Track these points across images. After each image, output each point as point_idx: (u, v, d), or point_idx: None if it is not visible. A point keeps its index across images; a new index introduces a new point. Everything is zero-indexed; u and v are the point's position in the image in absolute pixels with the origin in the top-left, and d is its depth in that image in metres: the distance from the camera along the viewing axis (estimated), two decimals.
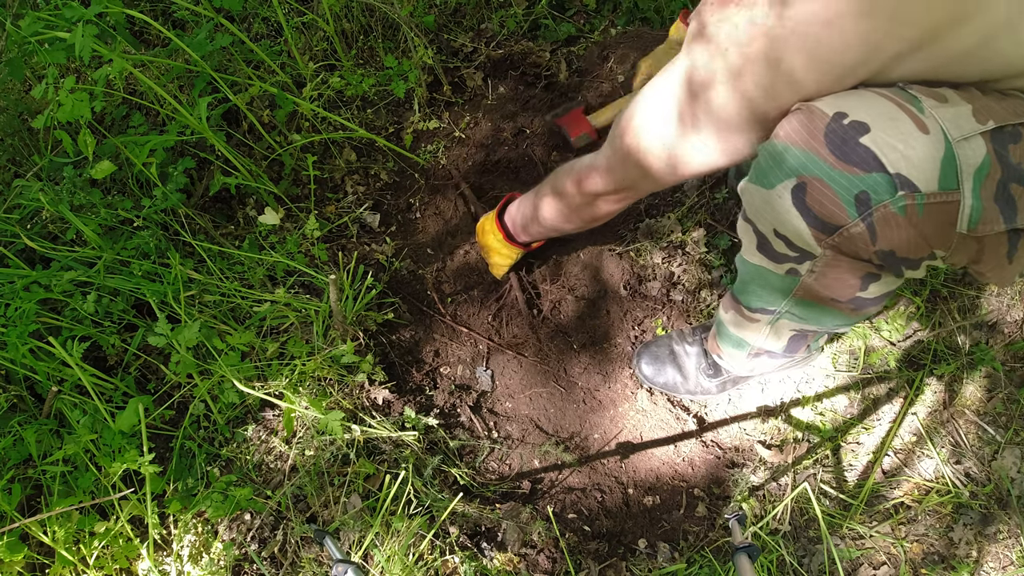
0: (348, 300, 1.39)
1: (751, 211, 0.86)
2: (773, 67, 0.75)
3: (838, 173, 0.72)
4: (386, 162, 1.70)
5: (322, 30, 1.74)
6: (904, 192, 0.70)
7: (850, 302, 0.91)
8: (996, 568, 1.28)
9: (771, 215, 0.82)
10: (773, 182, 0.78)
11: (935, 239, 0.74)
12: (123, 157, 1.49)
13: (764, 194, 0.80)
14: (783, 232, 0.82)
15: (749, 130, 0.83)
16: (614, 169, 1.04)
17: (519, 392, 1.47)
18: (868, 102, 0.73)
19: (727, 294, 1.16)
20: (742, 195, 0.86)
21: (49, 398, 1.26)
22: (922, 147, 0.69)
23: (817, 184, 0.74)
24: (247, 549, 1.22)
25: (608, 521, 1.33)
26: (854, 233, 0.76)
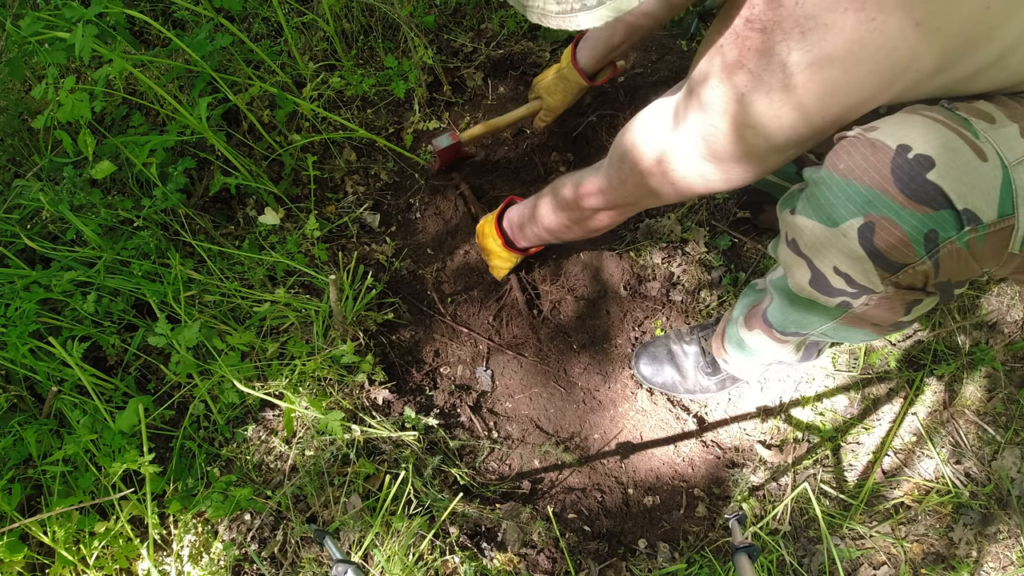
0: (348, 300, 1.39)
1: (807, 247, 0.82)
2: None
3: (908, 213, 0.70)
4: (386, 162, 1.70)
5: (322, 30, 1.74)
6: (969, 227, 0.69)
7: (891, 326, 0.90)
8: (996, 568, 1.28)
9: (833, 254, 0.78)
10: (837, 220, 0.75)
11: (989, 262, 0.75)
12: (123, 157, 1.49)
13: (826, 232, 0.77)
14: (844, 270, 0.79)
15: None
16: (614, 184, 1.04)
17: (519, 392, 1.47)
18: (927, 131, 0.70)
19: (752, 314, 1.13)
20: (793, 230, 0.83)
21: (49, 398, 1.26)
22: (983, 177, 0.69)
23: (886, 224, 0.72)
24: (247, 549, 1.22)
25: (608, 521, 1.33)
26: (920, 270, 0.74)
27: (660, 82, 1.73)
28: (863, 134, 0.73)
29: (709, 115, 0.81)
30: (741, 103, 0.76)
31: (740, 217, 1.57)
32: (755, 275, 1.53)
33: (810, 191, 0.79)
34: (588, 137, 1.67)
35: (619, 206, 1.08)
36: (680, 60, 1.77)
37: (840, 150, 0.75)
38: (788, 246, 0.86)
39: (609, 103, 1.69)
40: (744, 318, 1.17)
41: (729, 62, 0.75)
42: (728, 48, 0.75)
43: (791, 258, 0.86)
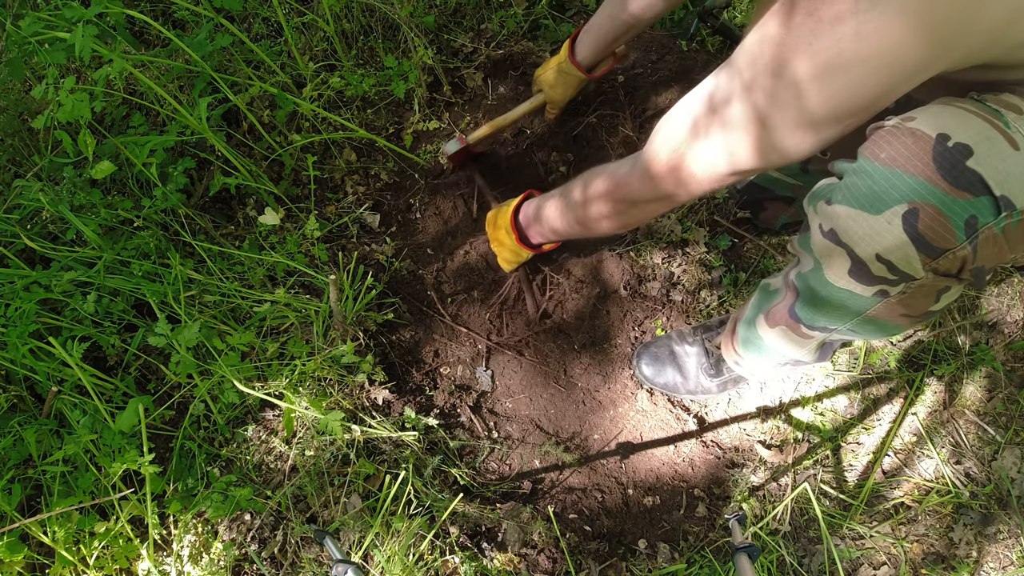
0: (348, 300, 1.39)
1: (848, 236, 0.83)
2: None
3: (951, 199, 0.73)
4: (386, 162, 1.70)
5: (322, 30, 1.74)
6: (1006, 213, 0.72)
7: (921, 316, 0.92)
8: (996, 568, 1.28)
9: (876, 240, 0.80)
10: (881, 208, 0.77)
11: (1017, 247, 0.77)
12: (123, 157, 1.49)
13: (870, 220, 0.79)
14: (887, 257, 0.81)
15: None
16: (650, 174, 1.00)
17: (519, 392, 1.47)
18: (963, 121, 0.73)
19: (773, 312, 1.12)
20: (831, 219, 0.84)
21: (49, 398, 1.26)
22: (1017, 165, 0.72)
23: (930, 210, 0.74)
24: (247, 549, 1.22)
25: (608, 521, 1.33)
26: (959, 255, 0.77)
27: (660, 82, 1.73)
28: (902, 124, 0.76)
29: (731, 133, 0.84)
30: (763, 123, 0.79)
31: (740, 217, 1.57)
32: (756, 275, 1.53)
33: (850, 181, 0.81)
34: (588, 137, 1.67)
35: (656, 198, 1.03)
36: (680, 60, 1.77)
37: (880, 139, 0.77)
38: (825, 236, 0.87)
39: (609, 103, 1.69)
40: (764, 317, 1.16)
41: (747, 80, 0.79)
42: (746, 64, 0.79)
43: (829, 248, 0.87)
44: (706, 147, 0.91)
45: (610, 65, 1.46)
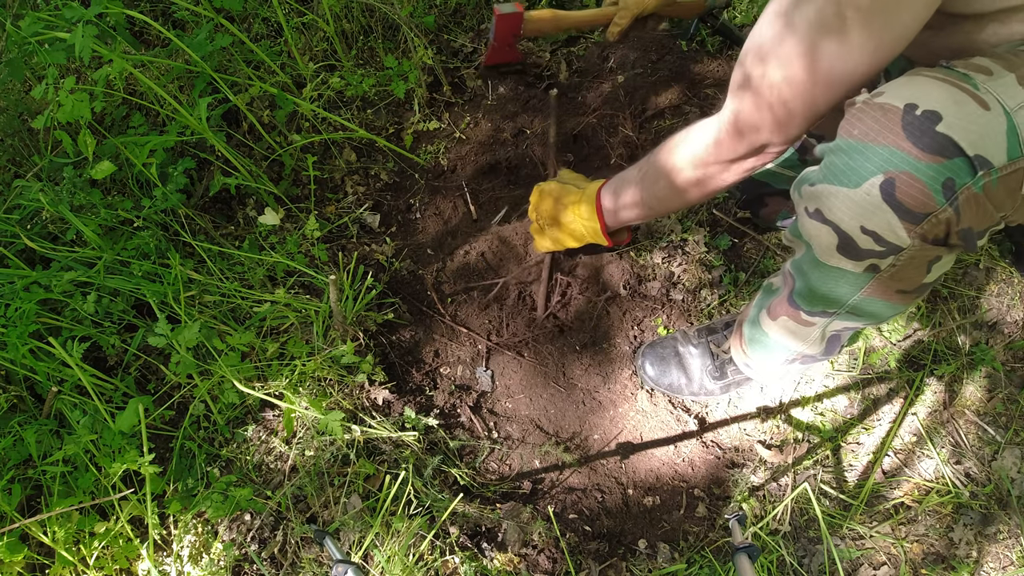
0: (348, 300, 1.39)
1: (832, 213, 0.85)
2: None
3: (924, 164, 0.75)
4: (386, 162, 1.70)
5: (322, 30, 1.74)
6: (982, 172, 0.74)
7: (915, 291, 0.94)
8: (996, 568, 1.28)
9: (858, 213, 0.83)
10: (859, 181, 0.80)
11: (1003, 205, 0.79)
12: (123, 157, 1.49)
13: (849, 193, 0.82)
14: (871, 228, 0.83)
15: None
16: (761, 106, 0.91)
17: (519, 392, 1.47)
18: (930, 88, 0.76)
19: (775, 304, 1.13)
20: (815, 199, 0.86)
21: (49, 398, 1.26)
22: (988, 125, 0.74)
23: (905, 178, 0.76)
24: (247, 549, 1.22)
25: (608, 521, 1.33)
26: (942, 219, 0.78)
27: (660, 82, 1.73)
28: (871, 99, 0.78)
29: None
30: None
31: (740, 217, 1.57)
32: (756, 275, 1.53)
33: (828, 161, 0.84)
34: (588, 137, 1.67)
35: (777, 123, 0.93)
36: (680, 60, 1.78)
37: (851, 118, 0.80)
38: (812, 217, 0.89)
39: (609, 103, 1.69)
40: (767, 311, 1.16)
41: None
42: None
43: (816, 228, 0.89)
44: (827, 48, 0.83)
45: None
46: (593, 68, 1.78)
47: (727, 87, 0.96)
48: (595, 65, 1.79)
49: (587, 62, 1.80)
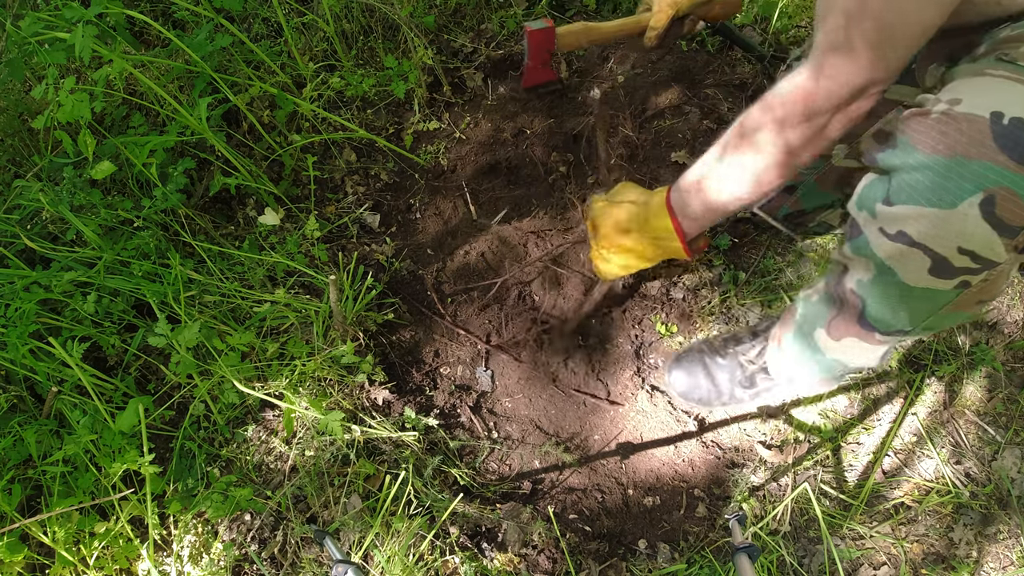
0: (348, 300, 1.39)
1: (923, 236, 0.80)
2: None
3: (1022, 176, 0.72)
4: (386, 162, 1.70)
5: (322, 30, 1.74)
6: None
7: (994, 297, 0.91)
8: (996, 568, 1.28)
9: (955, 234, 0.78)
10: (954, 201, 0.75)
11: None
12: (123, 157, 1.49)
13: (943, 215, 0.77)
14: (969, 248, 0.79)
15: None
16: (858, 36, 0.82)
17: (519, 392, 1.47)
18: (1008, 93, 0.72)
19: (835, 324, 1.05)
20: (898, 222, 0.81)
21: (49, 398, 1.26)
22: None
23: (1006, 193, 0.73)
24: (247, 549, 1.22)
25: (608, 521, 1.33)
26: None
27: (660, 82, 1.73)
28: (951, 108, 0.74)
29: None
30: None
31: (740, 216, 1.57)
32: (756, 274, 1.53)
33: (910, 178, 0.78)
34: (588, 137, 1.67)
35: (872, 60, 0.84)
36: (680, 60, 1.78)
37: (930, 129, 0.76)
38: (895, 240, 0.83)
39: (609, 103, 1.69)
40: (825, 331, 1.08)
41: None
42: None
43: (902, 251, 0.84)
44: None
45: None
46: (593, 68, 1.78)
47: (728, 87, 0.95)
48: (595, 65, 1.79)
49: (587, 62, 1.80)
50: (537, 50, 1.32)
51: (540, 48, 1.32)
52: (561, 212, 1.59)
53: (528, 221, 1.59)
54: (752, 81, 1.75)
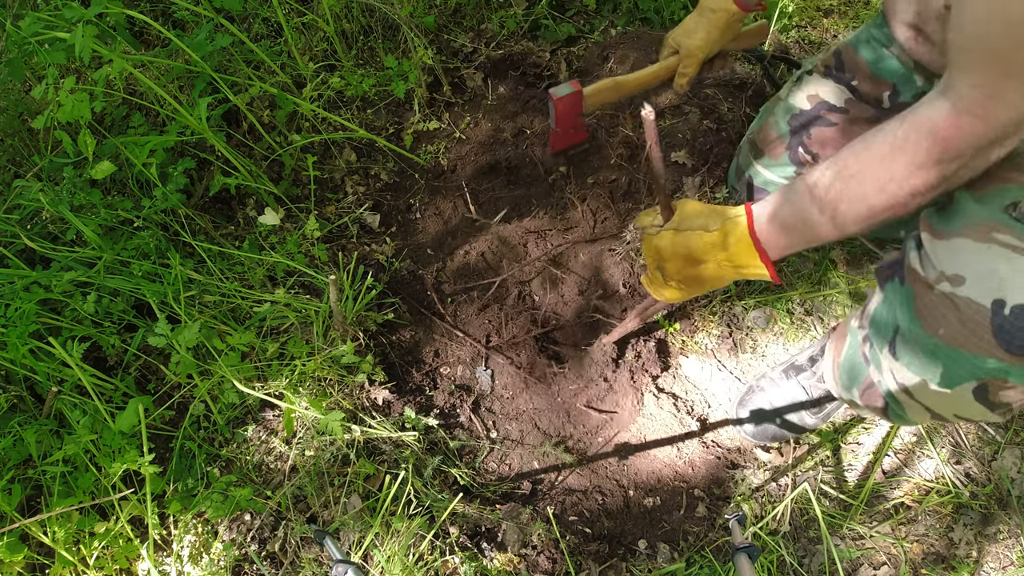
0: (348, 300, 1.39)
1: (923, 399, 0.84)
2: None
3: (1019, 368, 0.73)
4: (386, 162, 1.70)
5: (322, 30, 1.74)
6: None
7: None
8: (996, 568, 1.28)
9: (951, 406, 0.82)
10: (951, 383, 0.78)
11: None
12: (123, 157, 1.49)
13: (941, 391, 0.80)
14: (965, 416, 0.84)
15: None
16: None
17: (520, 392, 1.46)
18: (1012, 271, 0.70)
19: (869, 395, 1.01)
20: (901, 377, 0.84)
21: (49, 398, 1.26)
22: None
23: (999, 383, 0.75)
24: (247, 549, 1.22)
25: (608, 522, 1.33)
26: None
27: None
28: (955, 293, 0.74)
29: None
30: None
31: None
32: None
33: (911, 347, 0.81)
34: (588, 137, 1.67)
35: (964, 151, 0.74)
36: None
37: (935, 311, 0.76)
38: (899, 387, 0.87)
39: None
40: (860, 394, 1.04)
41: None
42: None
43: (906, 399, 0.88)
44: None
45: (763, 6, 1.23)
46: (593, 68, 1.78)
47: (728, 87, 0.95)
48: (595, 65, 1.79)
49: (587, 62, 1.80)
50: (565, 116, 1.23)
51: (568, 114, 1.24)
52: (561, 212, 1.59)
53: (528, 221, 1.59)
54: (752, 81, 1.75)
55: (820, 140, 1.26)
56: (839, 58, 1.23)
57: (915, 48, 1.08)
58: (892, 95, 1.16)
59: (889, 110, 1.16)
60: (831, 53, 1.26)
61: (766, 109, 1.39)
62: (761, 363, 1.50)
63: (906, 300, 0.82)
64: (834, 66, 1.24)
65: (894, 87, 1.16)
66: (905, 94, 1.15)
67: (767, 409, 1.36)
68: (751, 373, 1.48)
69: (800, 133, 1.28)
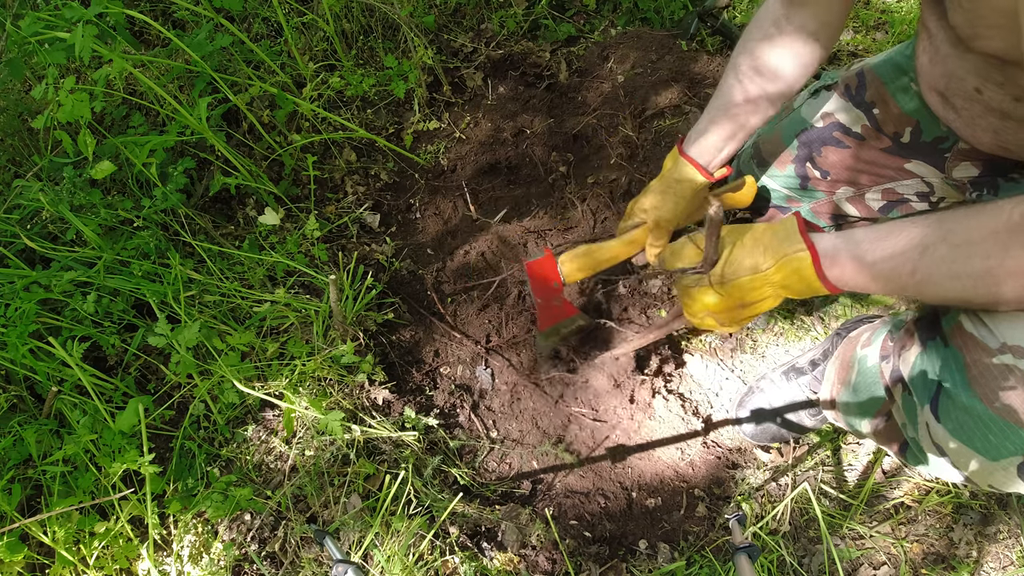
0: (348, 300, 1.39)
1: (962, 465, 0.82)
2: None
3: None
4: (386, 162, 1.70)
5: (322, 30, 1.74)
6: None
7: None
8: (996, 568, 1.28)
9: (991, 479, 0.80)
10: (996, 456, 0.76)
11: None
12: (123, 157, 1.49)
13: (984, 462, 0.78)
14: (999, 488, 0.81)
15: None
16: None
17: (520, 392, 1.46)
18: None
19: (884, 435, 1.01)
20: (943, 442, 0.82)
21: (49, 398, 1.26)
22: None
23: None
24: (247, 549, 1.22)
25: (608, 522, 1.33)
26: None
27: (660, 82, 1.73)
28: (1016, 365, 0.71)
29: None
30: None
31: (741, 217, 1.57)
32: None
33: (961, 417, 0.78)
34: (588, 136, 1.67)
35: None
36: (680, 60, 1.77)
37: (991, 380, 0.73)
38: (936, 450, 0.85)
39: (609, 103, 1.69)
40: (871, 430, 1.03)
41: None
42: None
43: (941, 462, 0.86)
44: None
45: (727, 171, 1.15)
46: (593, 68, 1.78)
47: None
48: (595, 65, 1.79)
49: (587, 62, 1.80)
50: (541, 284, 1.12)
51: (543, 280, 1.12)
52: (561, 212, 1.59)
53: (528, 221, 1.59)
54: None
55: (830, 160, 1.21)
56: (862, 80, 1.15)
57: (943, 114, 0.99)
58: (914, 132, 1.10)
59: (908, 145, 1.11)
60: (854, 73, 1.17)
61: (776, 117, 1.37)
62: (761, 363, 1.50)
63: (954, 363, 0.78)
64: (855, 88, 1.16)
65: (917, 124, 1.09)
66: (928, 134, 1.08)
67: (766, 409, 1.36)
68: (751, 373, 1.48)
69: (809, 148, 1.24)
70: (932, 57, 0.92)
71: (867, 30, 1.95)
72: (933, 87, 0.97)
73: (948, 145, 1.06)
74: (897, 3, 2.00)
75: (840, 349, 1.19)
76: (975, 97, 0.86)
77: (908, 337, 0.91)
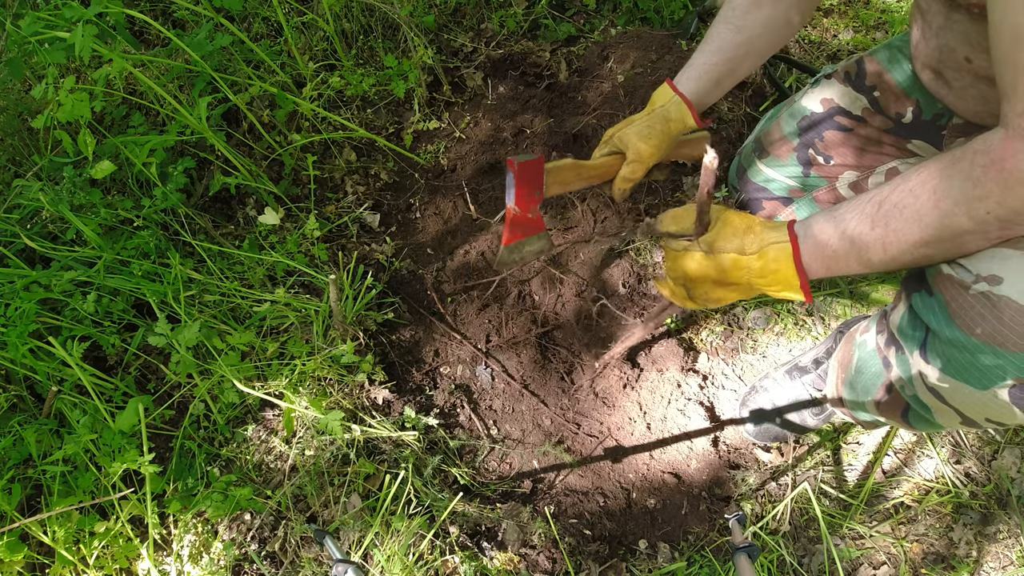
0: (348, 300, 1.39)
1: (955, 402, 0.85)
2: None
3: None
4: (386, 162, 1.70)
5: (322, 30, 1.74)
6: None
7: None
8: (996, 568, 1.28)
9: (983, 409, 0.82)
10: (986, 384, 0.78)
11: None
12: (123, 157, 1.49)
13: (976, 393, 0.80)
14: (997, 420, 0.83)
15: None
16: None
17: (520, 392, 1.46)
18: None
19: (887, 406, 1.02)
20: (935, 382, 0.84)
21: (49, 398, 1.26)
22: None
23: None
24: (247, 549, 1.22)
25: (608, 521, 1.33)
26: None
27: (659, 81, 1.72)
28: (991, 291, 0.74)
29: None
30: None
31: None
32: None
33: (946, 349, 0.80)
34: (588, 136, 1.67)
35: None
36: (680, 60, 1.77)
37: (971, 311, 0.76)
38: (930, 392, 0.87)
39: (609, 103, 1.69)
40: (875, 406, 1.06)
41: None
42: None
43: (936, 404, 0.88)
44: None
45: (708, 122, 1.13)
46: (593, 68, 1.78)
47: None
48: (595, 65, 1.79)
49: (587, 62, 1.80)
50: (523, 188, 1.06)
51: (528, 187, 1.06)
52: (561, 212, 1.59)
53: None
54: (751, 81, 1.75)
55: (832, 143, 1.22)
56: (861, 66, 1.19)
57: (936, 90, 1.06)
58: (916, 111, 1.12)
59: (910, 125, 1.13)
60: (853, 61, 1.21)
61: (775, 110, 1.38)
62: (762, 363, 1.50)
63: (938, 306, 0.81)
64: (855, 74, 1.19)
65: (918, 103, 1.11)
66: (928, 112, 1.10)
67: (768, 409, 1.36)
68: (752, 373, 1.48)
69: (810, 133, 1.25)
70: (925, 33, 1.00)
71: (867, 30, 1.95)
72: (927, 64, 1.04)
73: (944, 122, 1.09)
74: (897, 3, 2.00)
75: (841, 344, 1.20)
76: (965, 67, 0.94)
77: (897, 299, 0.95)
